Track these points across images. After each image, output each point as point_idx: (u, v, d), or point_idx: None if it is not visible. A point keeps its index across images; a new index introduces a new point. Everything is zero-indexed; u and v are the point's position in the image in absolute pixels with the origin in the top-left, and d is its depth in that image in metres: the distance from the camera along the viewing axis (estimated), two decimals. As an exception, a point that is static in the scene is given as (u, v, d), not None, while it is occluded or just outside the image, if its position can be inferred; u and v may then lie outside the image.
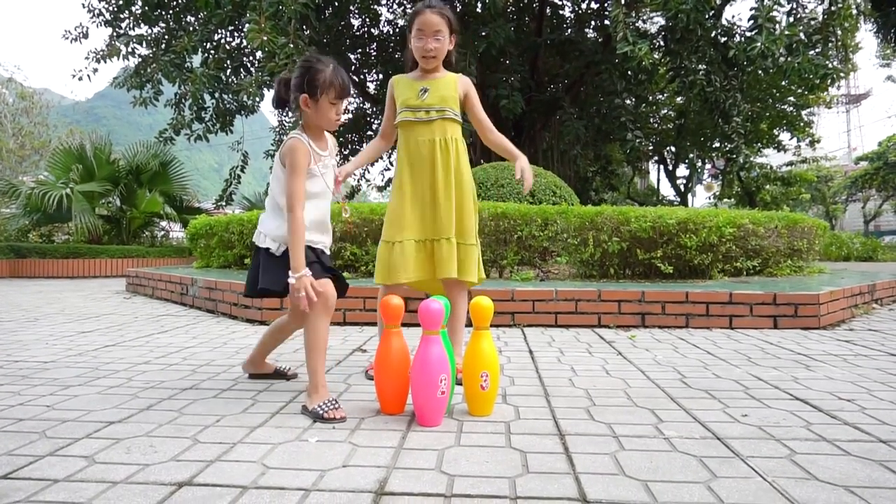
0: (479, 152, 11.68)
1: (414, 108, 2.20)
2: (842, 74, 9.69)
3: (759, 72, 9.74)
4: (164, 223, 12.44)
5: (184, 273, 5.35)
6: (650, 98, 16.04)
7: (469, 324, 1.91)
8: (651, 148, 19.50)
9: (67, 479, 1.29)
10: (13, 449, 1.48)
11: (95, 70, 10.35)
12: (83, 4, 10.61)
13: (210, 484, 1.27)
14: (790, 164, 26.39)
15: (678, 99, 15.87)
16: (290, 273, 1.84)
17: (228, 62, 10.55)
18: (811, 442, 1.55)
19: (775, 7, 7.92)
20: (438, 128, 2.19)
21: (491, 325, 1.86)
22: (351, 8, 12.55)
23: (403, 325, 1.91)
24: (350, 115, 16.12)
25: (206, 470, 1.34)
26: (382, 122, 2.38)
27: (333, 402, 1.79)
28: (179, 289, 5.06)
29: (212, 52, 10.56)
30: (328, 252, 2.13)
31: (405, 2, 13.86)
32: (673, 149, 20.74)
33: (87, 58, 10.18)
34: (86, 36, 10.94)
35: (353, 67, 14.37)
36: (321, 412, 1.74)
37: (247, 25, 7.85)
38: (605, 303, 3.66)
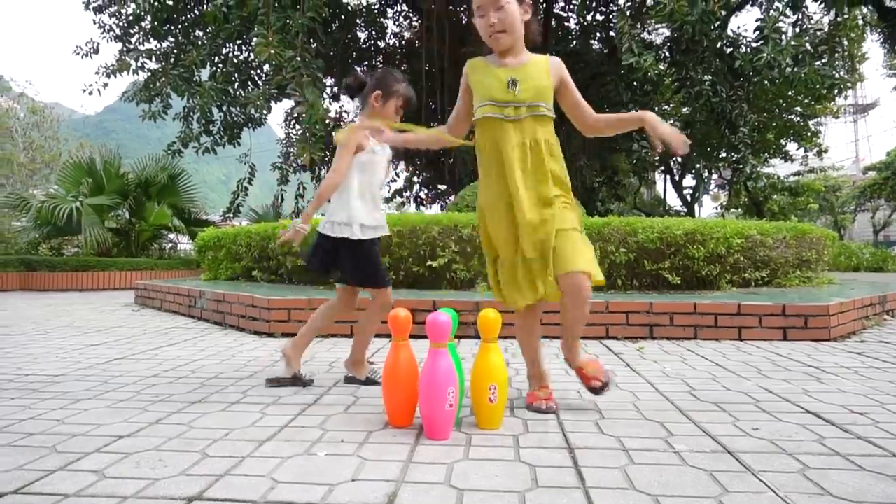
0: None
1: (501, 102, 1.85)
2: (849, 85, 9.69)
3: (766, 82, 9.77)
4: (172, 235, 12.52)
5: (192, 285, 5.37)
6: (656, 109, 16.04)
7: (477, 335, 1.90)
8: (657, 158, 19.48)
9: (78, 494, 1.30)
10: (24, 464, 1.49)
11: (106, 84, 10.47)
12: (94, 21, 10.77)
13: (220, 499, 1.27)
14: (797, 173, 26.29)
15: (684, 109, 15.87)
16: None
17: (236, 76, 10.66)
18: (824, 456, 1.53)
19: (781, 18, 7.94)
20: (529, 128, 1.86)
21: (499, 337, 1.85)
22: (357, 21, 12.69)
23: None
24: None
25: (216, 484, 1.35)
26: (452, 114, 2.06)
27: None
28: (187, 301, 5.08)
29: (220, 65, 10.67)
30: (377, 235, 2.31)
31: (411, 14, 13.98)
32: (679, 159, 20.69)
33: (97, 72, 10.30)
34: (96, 51, 11.08)
35: (359, 80, 14.47)
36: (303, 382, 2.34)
37: (255, 39, 7.93)
38: (612, 314, 3.65)
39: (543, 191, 1.86)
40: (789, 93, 14.17)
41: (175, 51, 10.71)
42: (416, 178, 16.76)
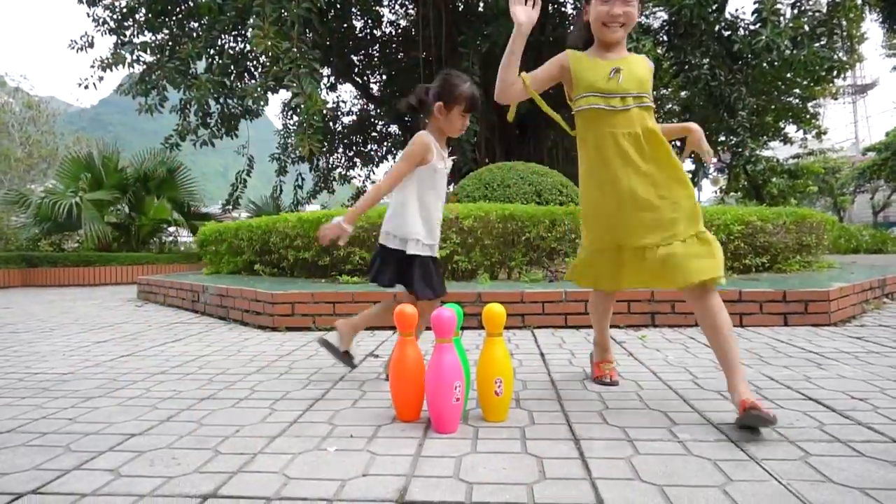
0: (484, 151, 11.70)
1: (606, 93, 1.85)
2: (847, 66, 9.66)
3: (764, 65, 9.71)
4: (172, 229, 12.53)
5: (195, 280, 5.39)
6: (654, 93, 15.99)
7: (480, 326, 1.92)
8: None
9: (95, 493, 1.33)
10: (40, 463, 1.52)
11: (101, 78, 10.44)
12: (88, 14, 10.70)
13: (234, 496, 1.29)
14: (797, 156, 26.28)
15: (683, 94, 15.82)
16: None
17: (232, 67, 10.62)
18: (825, 443, 1.56)
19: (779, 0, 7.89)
20: (638, 118, 1.86)
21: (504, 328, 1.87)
22: (353, 10, 12.61)
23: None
24: (354, 117, 16.17)
25: (230, 481, 1.37)
26: (536, 73, 1.99)
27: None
28: (191, 296, 5.11)
29: (216, 57, 10.64)
30: (434, 254, 2.26)
31: (407, 2, 13.88)
32: (678, 143, 20.64)
33: (92, 66, 10.27)
34: (91, 45, 11.04)
35: (356, 69, 14.40)
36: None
37: (250, 31, 7.89)
38: (615, 303, 3.66)
39: (659, 176, 1.86)
40: (788, 75, 14.12)
41: (170, 43, 10.66)
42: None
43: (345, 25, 12.66)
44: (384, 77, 14.69)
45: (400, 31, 14.38)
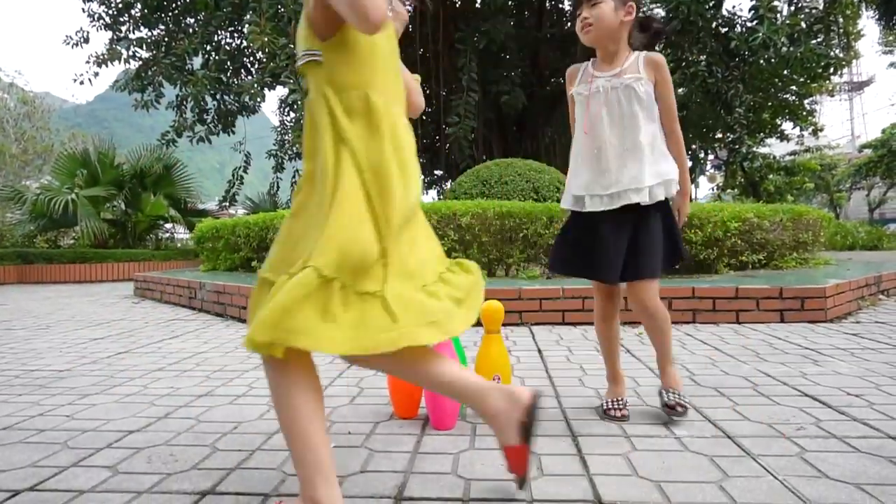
0: (482, 148, 11.69)
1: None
2: (844, 63, 9.67)
3: (762, 62, 9.71)
4: (168, 226, 12.49)
5: (191, 277, 5.38)
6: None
7: (478, 323, 1.90)
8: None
9: (93, 489, 1.33)
10: (37, 460, 1.52)
11: (96, 74, 10.38)
12: (83, 9, 10.64)
13: (232, 493, 1.30)
14: (793, 153, 26.31)
15: (680, 90, 15.78)
16: None
17: (229, 63, 10.56)
18: (821, 439, 1.56)
19: (776, -3, 7.90)
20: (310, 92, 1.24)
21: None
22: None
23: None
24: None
25: (228, 478, 1.37)
26: None
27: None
28: (188, 293, 5.10)
29: (212, 53, 10.57)
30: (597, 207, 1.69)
31: (404, -1, 13.83)
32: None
33: (87, 62, 10.20)
34: (86, 41, 10.96)
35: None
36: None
37: (247, 27, 7.86)
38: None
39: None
40: (785, 72, 14.10)
41: (166, 39, 10.60)
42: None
43: (342, 21, 12.61)
44: (381, 73, 14.64)
45: (397, 27, 14.33)
